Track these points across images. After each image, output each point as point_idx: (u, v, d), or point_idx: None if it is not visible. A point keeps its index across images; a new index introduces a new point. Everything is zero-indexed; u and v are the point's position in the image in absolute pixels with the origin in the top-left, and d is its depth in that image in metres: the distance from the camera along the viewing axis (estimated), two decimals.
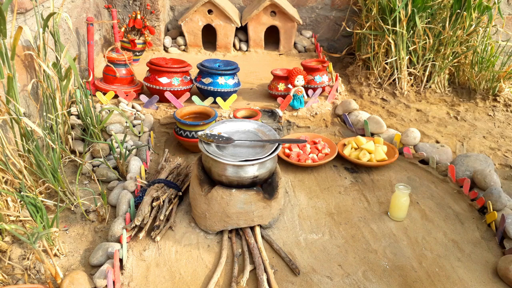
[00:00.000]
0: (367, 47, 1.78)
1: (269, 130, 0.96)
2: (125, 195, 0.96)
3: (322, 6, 2.16)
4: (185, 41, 2.03)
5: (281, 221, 0.97)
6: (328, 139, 1.28)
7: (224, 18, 1.95)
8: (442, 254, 0.90)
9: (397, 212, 0.99)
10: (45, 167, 0.93)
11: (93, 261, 0.82)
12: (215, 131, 0.94)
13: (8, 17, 0.98)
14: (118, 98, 1.41)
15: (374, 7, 1.69)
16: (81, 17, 1.55)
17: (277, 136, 0.94)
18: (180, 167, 1.09)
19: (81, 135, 1.17)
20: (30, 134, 0.94)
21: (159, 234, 0.88)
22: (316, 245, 0.91)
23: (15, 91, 0.92)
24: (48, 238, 0.82)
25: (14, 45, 0.95)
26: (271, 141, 0.90)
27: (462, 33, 1.62)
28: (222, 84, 1.41)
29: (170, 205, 0.95)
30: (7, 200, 0.87)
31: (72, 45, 1.47)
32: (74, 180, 1.04)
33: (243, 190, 0.88)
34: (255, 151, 0.90)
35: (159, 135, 1.34)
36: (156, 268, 0.82)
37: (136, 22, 1.79)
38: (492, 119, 1.55)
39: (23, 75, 1.11)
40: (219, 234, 0.92)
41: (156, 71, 1.41)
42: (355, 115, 1.42)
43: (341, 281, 0.82)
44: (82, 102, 1.14)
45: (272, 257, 0.87)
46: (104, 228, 0.93)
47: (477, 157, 1.17)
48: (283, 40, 2.04)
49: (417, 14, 1.60)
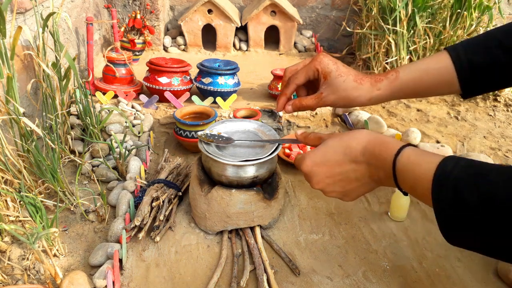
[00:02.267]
0: (367, 47, 1.78)
1: (269, 130, 0.96)
2: (125, 195, 0.96)
3: (322, 6, 2.16)
4: (185, 40, 2.03)
5: (281, 221, 0.97)
6: None
7: (224, 17, 1.95)
8: (442, 254, 0.90)
9: (398, 212, 0.99)
10: (45, 167, 0.92)
11: (92, 261, 0.82)
12: (214, 131, 0.94)
13: (8, 16, 0.98)
14: (118, 98, 1.41)
15: (375, 7, 1.69)
16: (81, 16, 1.55)
17: (277, 136, 0.94)
18: (180, 167, 1.09)
19: (81, 135, 1.17)
20: (30, 134, 0.94)
21: (158, 235, 0.88)
22: (316, 245, 0.91)
23: (14, 91, 0.92)
24: (47, 238, 0.82)
25: (14, 45, 0.95)
26: (271, 141, 0.90)
27: (463, 33, 1.62)
28: (222, 84, 1.41)
29: (170, 205, 0.95)
30: (6, 200, 0.87)
31: (72, 45, 1.47)
32: (74, 180, 1.03)
33: (243, 190, 0.88)
34: (255, 151, 0.90)
35: (158, 135, 1.33)
36: (156, 268, 0.82)
37: (136, 21, 1.79)
38: (493, 119, 1.55)
39: (23, 75, 1.10)
40: (219, 234, 0.91)
41: (155, 71, 1.41)
42: (355, 115, 1.41)
43: (341, 282, 0.82)
44: (81, 102, 1.14)
45: (272, 257, 0.87)
46: (103, 228, 0.93)
47: (478, 157, 1.17)
48: (283, 40, 2.04)
49: (418, 14, 1.60)
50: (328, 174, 0.66)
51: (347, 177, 0.66)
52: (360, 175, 0.65)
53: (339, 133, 0.69)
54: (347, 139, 0.65)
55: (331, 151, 0.66)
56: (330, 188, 0.68)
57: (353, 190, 0.67)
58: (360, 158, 0.63)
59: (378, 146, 0.62)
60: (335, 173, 0.66)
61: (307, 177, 0.70)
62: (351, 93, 0.76)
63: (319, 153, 0.67)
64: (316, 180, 0.68)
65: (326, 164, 0.66)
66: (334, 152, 0.66)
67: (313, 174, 0.68)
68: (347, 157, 0.64)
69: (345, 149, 0.65)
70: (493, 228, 0.47)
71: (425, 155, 0.57)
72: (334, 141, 0.67)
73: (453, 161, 0.53)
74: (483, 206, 0.47)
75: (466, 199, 0.49)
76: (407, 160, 0.58)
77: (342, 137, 0.66)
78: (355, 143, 0.64)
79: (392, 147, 0.60)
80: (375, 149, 0.62)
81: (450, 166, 0.52)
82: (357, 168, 0.64)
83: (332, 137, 0.68)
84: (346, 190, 0.67)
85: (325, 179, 0.67)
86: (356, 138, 0.65)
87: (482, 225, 0.48)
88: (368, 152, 0.63)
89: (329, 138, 0.68)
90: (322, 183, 0.68)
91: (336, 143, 0.66)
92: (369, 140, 0.63)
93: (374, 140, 0.63)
